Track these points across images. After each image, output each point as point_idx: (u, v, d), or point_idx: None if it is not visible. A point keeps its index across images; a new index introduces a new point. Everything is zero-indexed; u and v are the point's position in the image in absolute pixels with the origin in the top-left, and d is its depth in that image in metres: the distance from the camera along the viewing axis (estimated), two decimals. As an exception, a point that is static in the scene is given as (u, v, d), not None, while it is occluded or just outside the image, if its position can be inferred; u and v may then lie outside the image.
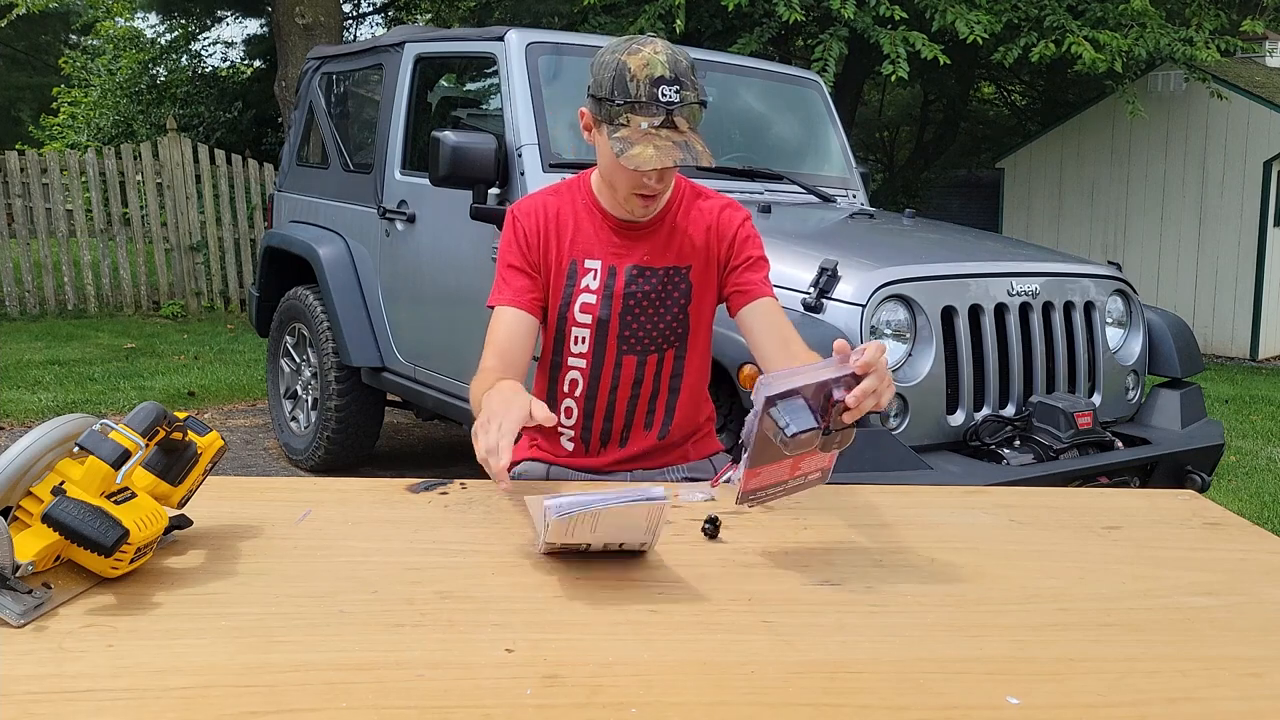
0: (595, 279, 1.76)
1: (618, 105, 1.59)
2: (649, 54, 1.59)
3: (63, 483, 1.15)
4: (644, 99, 1.57)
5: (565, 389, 1.83)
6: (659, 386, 1.82)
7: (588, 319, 1.77)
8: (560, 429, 1.85)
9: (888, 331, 2.72)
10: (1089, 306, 3.12)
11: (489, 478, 1.72)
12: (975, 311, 2.84)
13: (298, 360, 4.78)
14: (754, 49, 7.68)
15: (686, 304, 1.79)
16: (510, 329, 1.74)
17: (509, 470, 1.94)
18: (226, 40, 23.65)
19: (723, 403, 2.64)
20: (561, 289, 1.77)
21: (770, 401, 1.25)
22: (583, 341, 1.79)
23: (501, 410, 1.38)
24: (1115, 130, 10.08)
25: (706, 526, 1.40)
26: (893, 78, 7.26)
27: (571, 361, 1.81)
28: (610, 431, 1.84)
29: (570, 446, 1.87)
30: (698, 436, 1.92)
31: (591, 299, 1.77)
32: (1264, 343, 9.47)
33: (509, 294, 1.76)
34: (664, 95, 1.57)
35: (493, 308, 1.78)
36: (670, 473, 1.87)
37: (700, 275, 1.79)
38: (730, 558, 1.35)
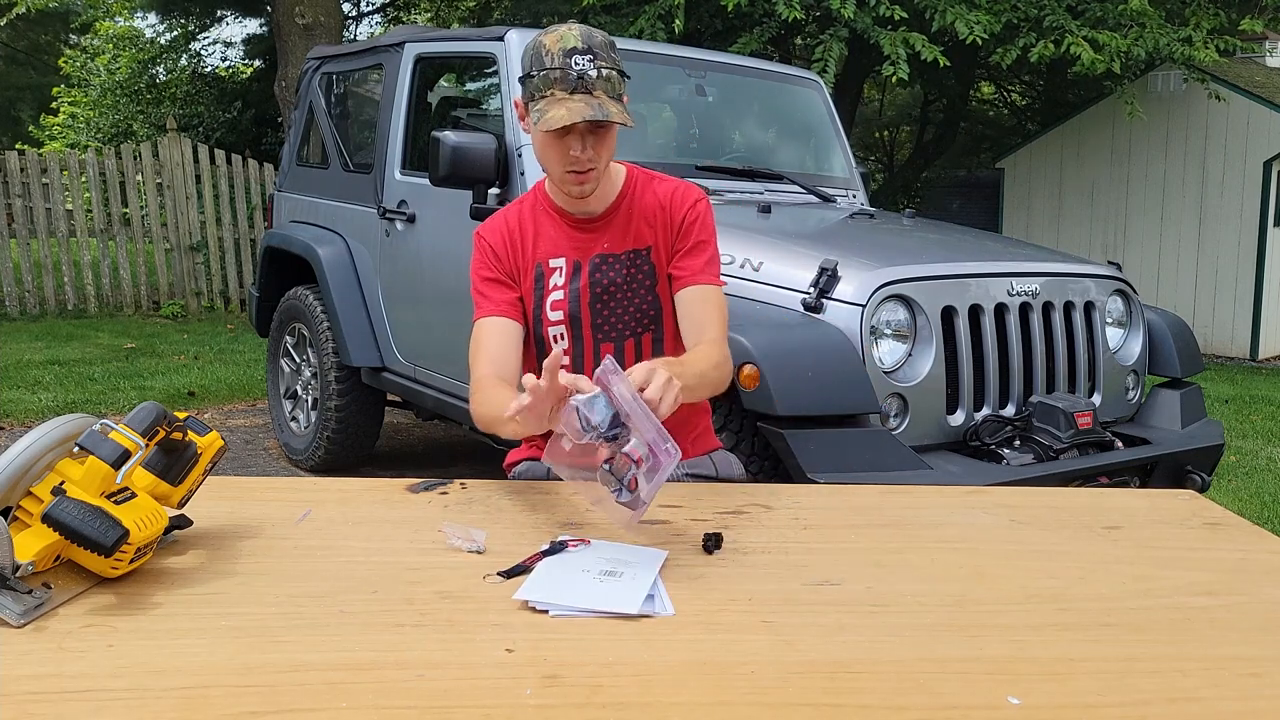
0: (561, 276, 1.82)
1: (534, 78, 1.66)
2: (563, 31, 1.67)
3: (63, 483, 1.15)
4: (558, 68, 1.64)
5: None
6: None
7: (559, 315, 1.82)
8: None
9: (888, 331, 2.72)
10: (1089, 306, 3.12)
11: (488, 478, 1.73)
12: (975, 311, 2.84)
13: (298, 360, 4.78)
14: (754, 49, 7.68)
15: (654, 285, 1.83)
16: (498, 338, 1.78)
17: (509, 471, 1.95)
18: (226, 40, 23.64)
19: (723, 403, 2.64)
20: (532, 293, 1.82)
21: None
22: (562, 339, 1.83)
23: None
24: (1115, 130, 10.08)
25: (707, 542, 1.39)
26: (893, 79, 7.26)
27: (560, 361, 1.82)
28: None
29: (569, 446, 1.87)
30: (695, 433, 1.92)
31: (560, 295, 1.82)
32: (1264, 343, 9.47)
33: (490, 305, 1.80)
34: (576, 64, 1.64)
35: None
36: (671, 469, 1.87)
37: (659, 255, 1.84)
38: (730, 557, 1.36)
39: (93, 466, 1.15)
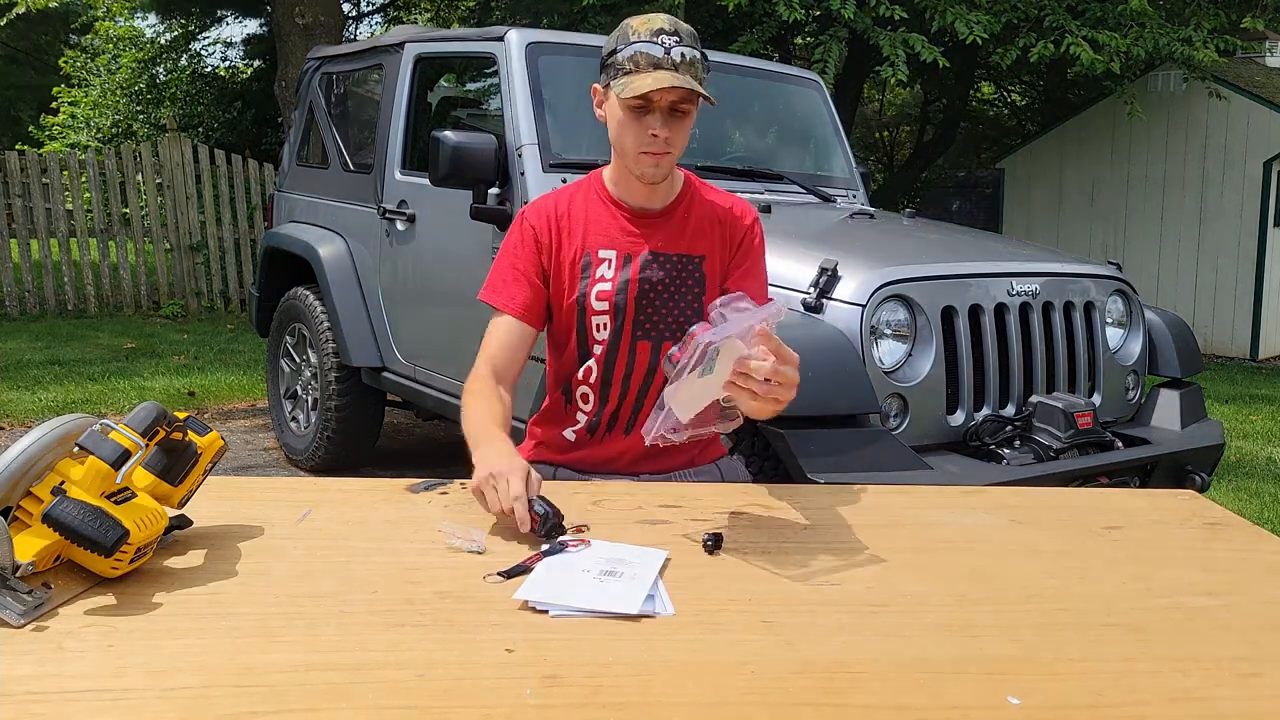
0: (610, 268, 1.79)
1: (619, 54, 1.65)
2: (650, 16, 1.67)
3: (63, 483, 1.15)
4: (645, 42, 1.64)
5: (581, 375, 1.84)
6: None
7: (604, 305, 1.79)
8: (579, 413, 1.86)
9: (888, 331, 2.72)
10: (1089, 306, 3.12)
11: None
12: (975, 311, 2.84)
13: (298, 360, 4.78)
14: (754, 49, 7.68)
15: (701, 293, 1.81)
16: (506, 340, 1.78)
17: None
18: (226, 40, 23.59)
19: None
20: (578, 281, 1.79)
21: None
22: (604, 329, 1.80)
23: (506, 470, 1.43)
24: (1115, 130, 10.08)
25: (708, 541, 1.39)
26: (892, 80, 7.26)
27: (594, 350, 1.82)
28: (618, 416, 1.86)
29: (573, 437, 1.87)
30: (704, 441, 1.93)
31: (608, 286, 1.79)
32: (1264, 343, 9.47)
33: (506, 301, 1.79)
34: (663, 42, 1.63)
35: (487, 305, 1.82)
36: (676, 477, 1.87)
37: (712, 268, 1.83)
38: (731, 557, 1.35)
39: (93, 466, 1.15)
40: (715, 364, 1.32)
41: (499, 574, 1.25)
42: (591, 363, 1.82)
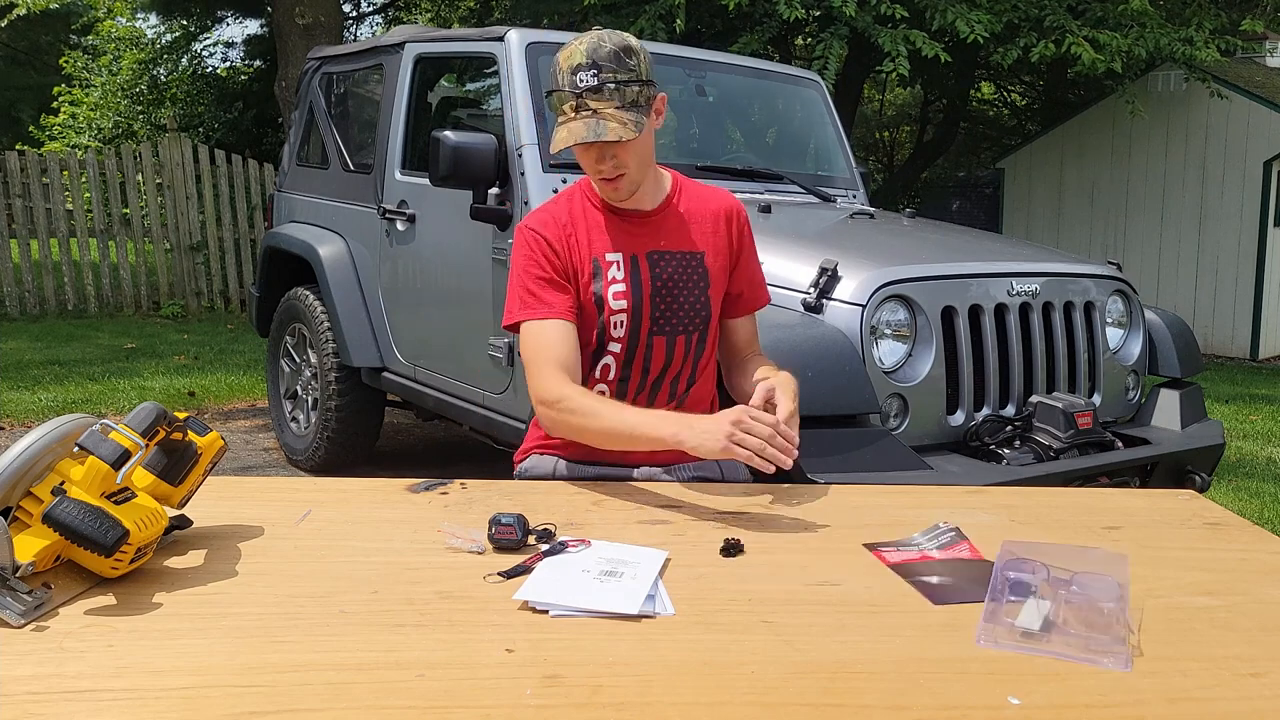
0: (620, 269, 1.83)
1: (550, 97, 1.74)
2: (574, 46, 1.71)
3: (63, 483, 1.15)
4: (565, 87, 1.69)
5: (598, 374, 1.87)
6: (683, 368, 1.90)
7: (622, 305, 1.83)
8: None
9: (888, 331, 2.72)
10: (1089, 306, 3.12)
11: (488, 477, 1.73)
12: (975, 311, 2.84)
13: (298, 360, 4.78)
14: (754, 49, 7.68)
15: (706, 288, 1.88)
16: (564, 341, 1.77)
17: (518, 463, 1.95)
18: (227, 41, 23.56)
19: (722, 402, 2.64)
20: (591, 285, 1.82)
21: None
22: (620, 326, 1.84)
23: (733, 418, 1.55)
24: (1115, 130, 10.08)
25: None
26: (893, 75, 7.26)
27: (610, 348, 1.86)
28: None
29: None
30: None
31: (621, 287, 1.83)
32: (1264, 343, 9.47)
33: (545, 308, 1.78)
34: (580, 81, 1.68)
35: (518, 324, 1.80)
36: (678, 470, 1.87)
37: (713, 262, 1.89)
38: (730, 557, 1.35)
39: (93, 466, 1.15)
40: None
41: (499, 574, 1.25)
42: (609, 360, 1.86)
